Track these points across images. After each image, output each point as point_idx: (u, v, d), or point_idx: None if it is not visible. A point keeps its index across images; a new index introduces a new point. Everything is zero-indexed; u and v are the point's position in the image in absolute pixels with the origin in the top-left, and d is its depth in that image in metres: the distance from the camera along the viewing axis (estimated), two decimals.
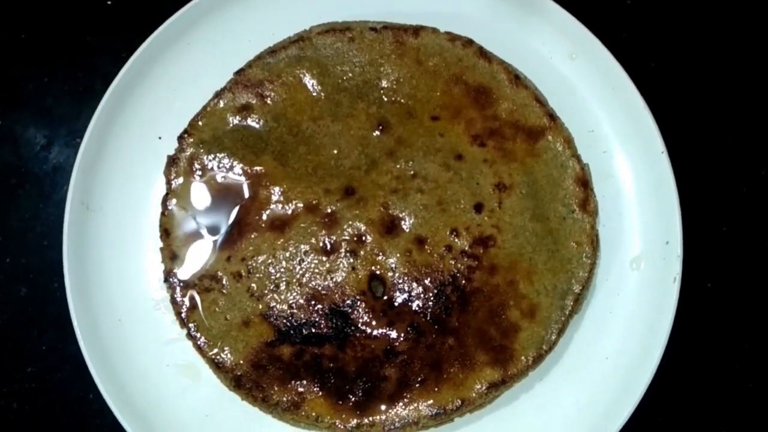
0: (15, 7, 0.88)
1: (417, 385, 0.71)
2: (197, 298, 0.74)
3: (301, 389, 0.71)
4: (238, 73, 0.78)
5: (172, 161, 0.76)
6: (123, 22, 0.88)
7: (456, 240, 0.73)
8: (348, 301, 0.73)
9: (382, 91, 0.78)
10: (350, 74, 0.78)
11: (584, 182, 0.75)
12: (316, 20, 0.81)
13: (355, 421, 0.70)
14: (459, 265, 0.73)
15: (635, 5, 0.87)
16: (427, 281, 0.73)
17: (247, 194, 0.75)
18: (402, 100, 0.78)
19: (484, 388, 0.71)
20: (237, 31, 0.82)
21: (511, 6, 0.81)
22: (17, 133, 0.87)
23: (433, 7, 0.82)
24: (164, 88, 0.80)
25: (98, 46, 0.88)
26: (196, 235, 0.75)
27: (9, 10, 0.88)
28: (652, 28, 0.88)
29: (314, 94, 0.77)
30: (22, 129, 0.87)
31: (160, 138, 0.79)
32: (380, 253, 0.73)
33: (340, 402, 0.71)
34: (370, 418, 0.71)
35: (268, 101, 0.77)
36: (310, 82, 0.77)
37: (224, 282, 0.74)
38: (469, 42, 0.78)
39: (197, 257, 0.75)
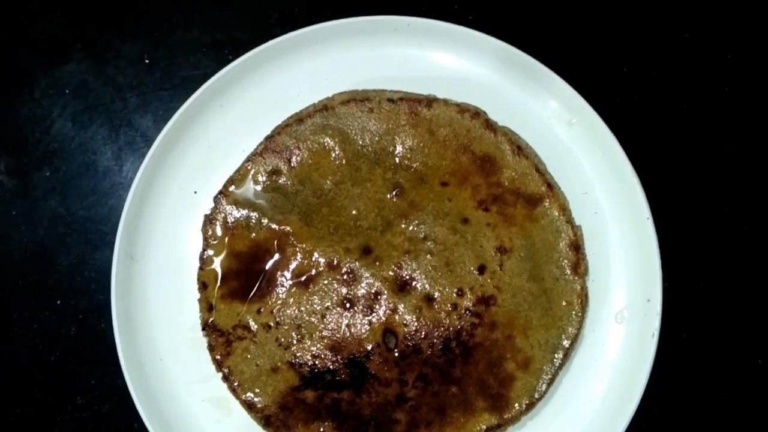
0: (60, 65, 0.93)
1: (424, 428, 0.77)
2: (231, 345, 0.79)
3: (322, 429, 0.77)
4: (268, 139, 0.84)
5: (208, 220, 0.82)
6: (158, 81, 0.93)
7: (461, 299, 0.79)
8: (364, 352, 0.79)
9: (397, 158, 0.83)
10: (369, 142, 0.83)
11: (576, 247, 0.80)
12: (336, 82, 0.86)
13: None
14: (463, 322, 0.79)
15: (631, 73, 0.92)
16: (434, 336, 0.78)
17: (275, 251, 0.80)
18: (415, 167, 0.83)
19: (482, 430, 0.77)
20: (265, 93, 0.87)
21: (517, 75, 0.86)
22: (65, 185, 0.92)
23: (446, 72, 0.87)
24: (199, 147, 0.86)
25: (137, 104, 0.93)
26: (230, 288, 0.80)
27: (53, 68, 0.94)
28: (645, 95, 0.92)
29: (336, 159, 0.83)
30: (69, 181, 0.92)
31: (195, 192, 0.85)
32: (394, 310, 0.79)
33: None
34: None
35: (295, 165, 0.83)
36: (333, 148, 0.83)
37: (255, 332, 0.80)
38: (476, 114, 0.83)
39: (231, 309, 0.80)
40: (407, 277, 0.79)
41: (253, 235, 0.81)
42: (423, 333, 0.78)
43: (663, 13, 0.94)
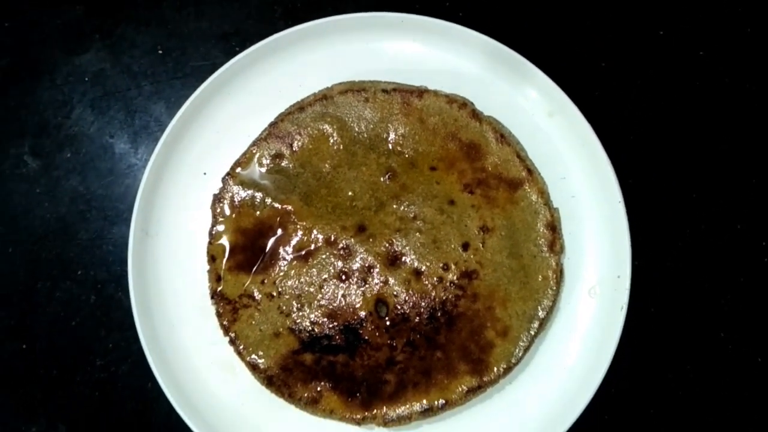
0: (80, 54, 0.97)
1: (411, 388, 0.80)
2: (237, 312, 0.83)
3: (319, 388, 0.81)
4: (272, 125, 0.87)
5: (217, 198, 0.85)
6: (171, 70, 0.97)
7: (446, 273, 0.82)
8: (358, 320, 0.82)
9: (390, 144, 0.87)
10: (364, 129, 0.87)
11: (553, 227, 0.84)
12: (335, 74, 0.89)
13: (361, 414, 0.80)
14: (448, 294, 0.82)
15: (609, 67, 0.96)
16: (422, 306, 0.82)
17: (278, 228, 0.84)
18: (406, 153, 0.86)
19: (464, 391, 0.80)
20: (269, 82, 0.90)
21: (503, 68, 0.89)
22: (84, 165, 0.96)
23: (436, 65, 0.90)
24: (209, 132, 0.89)
25: (151, 92, 0.96)
26: (237, 261, 0.84)
27: (73, 57, 0.97)
28: (621, 88, 0.96)
29: (334, 145, 0.86)
30: (88, 162, 0.96)
31: (205, 174, 0.88)
32: (385, 282, 0.82)
33: (350, 399, 0.80)
34: (373, 413, 0.80)
35: (297, 150, 0.86)
36: (331, 134, 0.86)
37: (259, 300, 0.83)
38: (464, 104, 0.86)
39: (238, 279, 0.84)
40: (398, 253, 0.83)
41: (258, 213, 0.85)
42: (411, 303, 0.82)
43: (639, 12, 0.98)
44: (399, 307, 0.83)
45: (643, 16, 0.98)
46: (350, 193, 0.86)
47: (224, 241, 0.85)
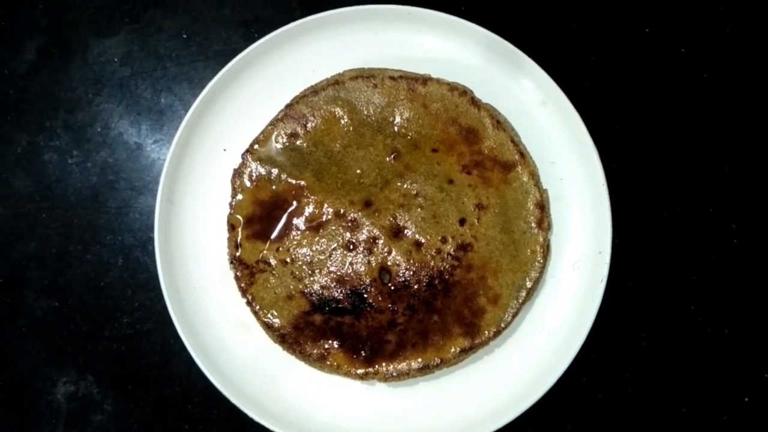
0: (110, 36, 1.01)
1: (410, 348, 0.84)
2: (254, 276, 0.87)
3: (327, 346, 0.85)
4: (288, 107, 0.91)
5: (237, 173, 0.89)
6: (194, 54, 1.00)
7: (444, 245, 0.86)
8: (363, 285, 0.86)
9: (395, 127, 0.90)
10: (372, 112, 0.90)
11: (542, 206, 0.88)
12: (347, 60, 0.92)
13: (364, 370, 0.84)
14: (445, 264, 0.86)
15: (598, 62, 0.99)
16: (421, 274, 0.86)
17: (292, 201, 0.88)
18: (410, 135, 0.90)
19: (457, 352, 0.84)
20: (285, 67, 0.93)
21: (500, 59, 0.92)
22: (114, 139, 1.00)
23: (440, 55, 0.94)
24: (229, 111, 0.92)
25: (176, 73, 1.00)
26: (254, 230, 0.88)
27: (104, 38, 1.00)
28: (609, 81, 0.99)
29: (345, 126, 0.90)
30: (117, 136, 1.00)
31: (225, 150, 0.92)
32: (389, 252, 0.86)
33: (354, 356, 0.84)
34: (375, 369, 0.84)
35: (310, 130, 0.90)
36: (342, 117, 0.90)
37: (274, 266, 0.87)
38: (464, 92, 0.90)
39: (255, 247, 0.88)
40: (401, 226, 0.87)
41: (274, 187, 0.88)
42: (412, 271, 0.86)
43: (627, 11, 1.00)
44: (401, 275, 0.87)
45: (630, 15, 1.01)
46: (358, 171, 0.90)
47: (243, 212, 0.89)
